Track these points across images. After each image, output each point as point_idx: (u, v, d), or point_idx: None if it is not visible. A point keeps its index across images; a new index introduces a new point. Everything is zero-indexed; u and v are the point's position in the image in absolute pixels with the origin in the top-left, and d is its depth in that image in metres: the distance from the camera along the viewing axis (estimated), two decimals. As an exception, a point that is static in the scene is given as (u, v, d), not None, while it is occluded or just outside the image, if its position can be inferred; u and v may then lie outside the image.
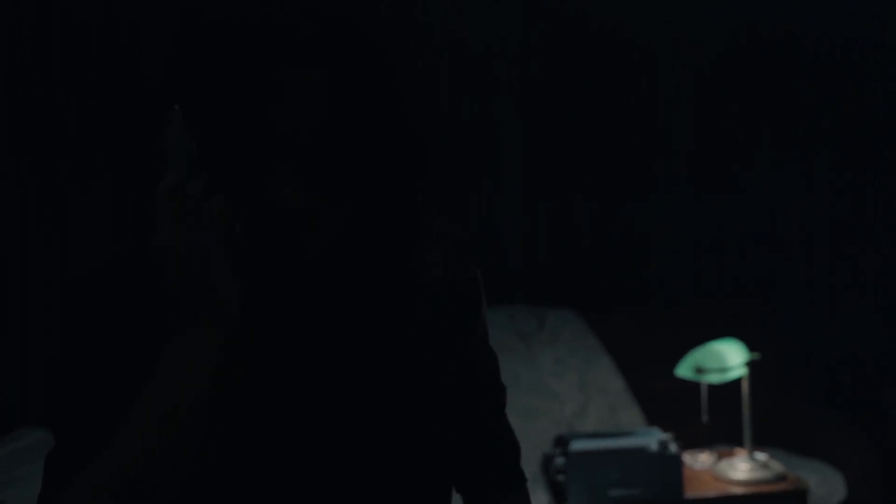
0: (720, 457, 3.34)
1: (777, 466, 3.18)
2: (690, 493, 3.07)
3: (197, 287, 1.00)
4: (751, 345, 3.26)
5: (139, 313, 1.06)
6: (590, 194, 4.13)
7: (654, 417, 3.68)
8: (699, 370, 3.14)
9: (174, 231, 1.00)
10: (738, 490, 3.10)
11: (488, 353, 1.27)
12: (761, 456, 3.22)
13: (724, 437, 3.63)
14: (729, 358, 3.15)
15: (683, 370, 3.19)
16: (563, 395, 3.73)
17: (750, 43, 4.19)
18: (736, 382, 3.27)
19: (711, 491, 3.10)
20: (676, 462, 3.04)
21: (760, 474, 3.13)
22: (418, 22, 3.97)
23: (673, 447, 3.06)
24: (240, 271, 1.04)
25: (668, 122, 4.18)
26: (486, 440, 1.26)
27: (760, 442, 3.52)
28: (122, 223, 3.52)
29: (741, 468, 3.16)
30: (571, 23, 4.09)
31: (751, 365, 3.16)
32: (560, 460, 3.07)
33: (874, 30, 4.22)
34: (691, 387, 3.31)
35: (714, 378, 3.14)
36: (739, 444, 3.39)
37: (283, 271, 1.09)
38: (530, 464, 3.42)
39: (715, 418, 3.27)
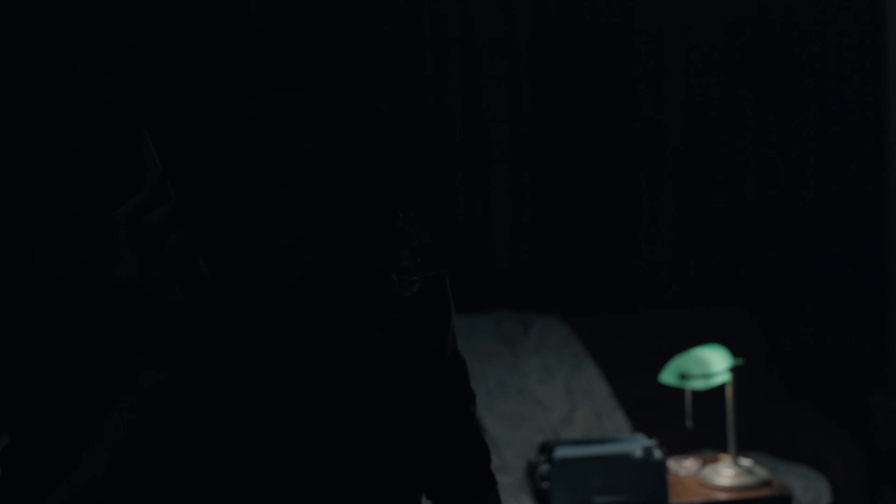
0: (705, 462, 3.34)
1: (762, 472, 3.18)
2: (675, 499, 3.07)
3: (157, 322, 0.96)
4: (735, 350, 3.27)
5: (100, 324, 1.04)
6: (576, 201, 4.13)
7: (640, 423, 3.68)
8: (683, 376, 3.14)
9: (135, 261, 0.95)
10: (722, 496, 3.10)
11: (457, 359, 1.27)
12: (746, 461, 3.22)
13: (709, 443, 3.63)
14: (713, 364, 3.15)
15: (667, 376, 3.18)
16: (548, 402, 3.73)
17: (740, 42, 4.17)
18: (721, 387, 3.27)
19: (696, 497, 3.10)
20: (661, 468, 3.04)
21: (745, 480, 3.13)
22: (405, 16, 3.96)
23: (657, 453, 3.06)
24: (204, 305, 1.00)
25: (653, 128, 4.17)
26: (454, 445, 1.26)
27: (746, 447, 3.52)
28: (98, 230, 3.51)
29: (726, 474, 3.16)
30: (564, 21, 4.08)
31: (735, 370, 3.16)
32: (544, 467, 3.07)
33: (868, 28, 4.22)
34: (678, 392, 3.31)
35: (698, 384, 3.14)
36: (725, 449, 3.39)
37: (258, 299, 1.07)
38: (515, 470, 3.42)
39: (700, 424, 3.27)
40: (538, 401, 3.72)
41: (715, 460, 3.34)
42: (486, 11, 4.03)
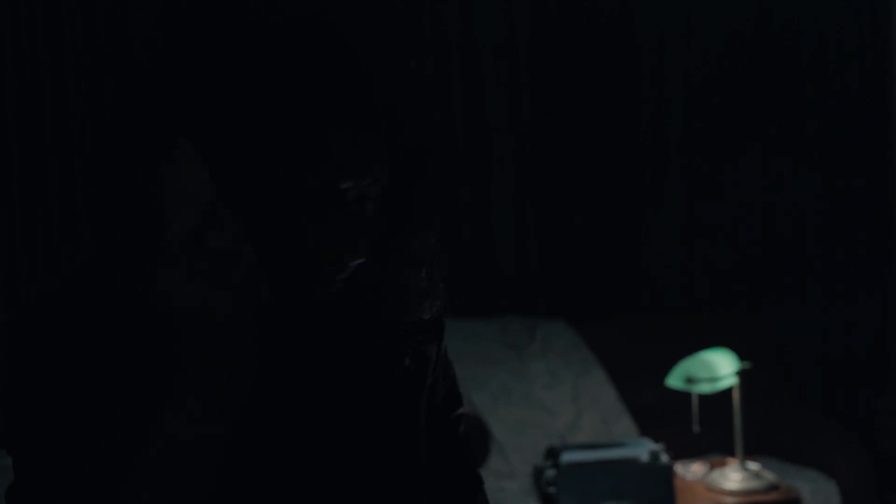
0: (712, 467, 3.32)
1: (769, 476, 3.16)
2: None
3: (210, 355, 0.91)
4: (741, 354, 3.25)
5: (100, 334, 1.01)
6: (580, 205, 4.11)
7: (647, 428, 3.66)
8: (689, 380, 3.13)
9: (190, 288, 0.90)
10: (730, 500, 3.08)
11: (447, 363, 1.26)
12: (753, 465, 3.20)
13: (717, 447, 3.61)
14: (719, 367, 3.13)
15: (674, 380, 3.17)
16: (555, 407, 3.71)
17: (741, 46, 4.17)
18: (728, 391, 3.25)
19: (703, 502, 3.08)
20: (668, 473, 3.03)
21: (752, 484, 3.11)
22: (405, 19, 3.94)
23: (664, 458, 3.04)
24: (261, 325, 0.96)
25: (658, 131, 4.16)
26: (442, 447, 1.24)
27: (753, 451, 3.50)
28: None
29: (733, 478, 3.14)
30: (565, 24, 4.07)
31: (741, 374, 3.14)
32: (551, 472, 3.05)
33: (868, 32, 4.21)
34: (685, 396, 3.29)
35: (705, 388, 3.12)
36: (732, 453, 3.37)
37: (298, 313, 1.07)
38: (522, 476, 3.41)
39: (707, 428, 3.25)
40: (544, 406, 3.70)
41: (722, 464, 3.32)
42: (487, 14, 4.02)
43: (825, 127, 4.20)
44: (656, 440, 3.29)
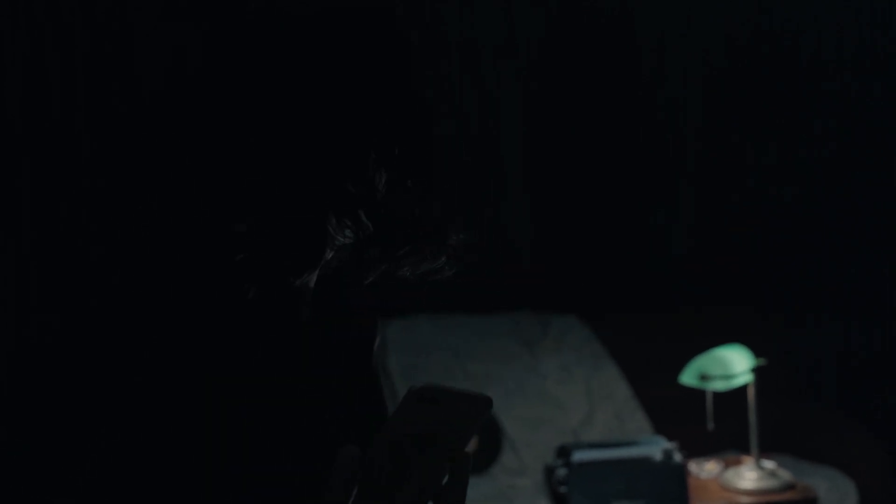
0: (727, 465, 3.27)
1: (785, 475, 3.12)
2: (697, 503, 3.01)
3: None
4: (757, 350, 3.20)
5: (102, 333, 1.00)
6: (594, 201, 4.09)
7: (661, 424, 3.62)
8: (703, 377, 3.08)
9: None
10: (745, 500, 3.04)
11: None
12: (769, 464, 3.16)
13: (732, 444, 3.56)
14: (734, 364, 3.09)
15: (687, 377, 3.12)
16: (568, 403, 3.67)
17: (753, 46, 4.14)
18: (743, 388, 3.20)
19: (718, 501, 3.04)
20: (681, 472, 2.99)
21: (768, 483, 3.07)
22: (404, 20, 3.92)
23: (677, 456, 3.00)
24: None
25: (672, 128, 4.13)
26: None
27: (770, 449, 3.45)
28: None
29: (748, 477, 3.10)
30: (575, 24, 4.04)
31: (757, 371, 3.09)
32: (562, 471, 3.02)
33: (867, 31, 4.19)
34: (699, 393, 3.25)
35: (719, 385, 3.08)
36: (747, 451, 3.33)
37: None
38: (534, 473, 3.37)
39: (722, 425, 3.20)
40: (557, 402, 3.67)
41: (737, 463, 3.28)
42: (487, 14, 3.99)
43: (825, 126, 4.18)
44: (670, 437, 3.25)
